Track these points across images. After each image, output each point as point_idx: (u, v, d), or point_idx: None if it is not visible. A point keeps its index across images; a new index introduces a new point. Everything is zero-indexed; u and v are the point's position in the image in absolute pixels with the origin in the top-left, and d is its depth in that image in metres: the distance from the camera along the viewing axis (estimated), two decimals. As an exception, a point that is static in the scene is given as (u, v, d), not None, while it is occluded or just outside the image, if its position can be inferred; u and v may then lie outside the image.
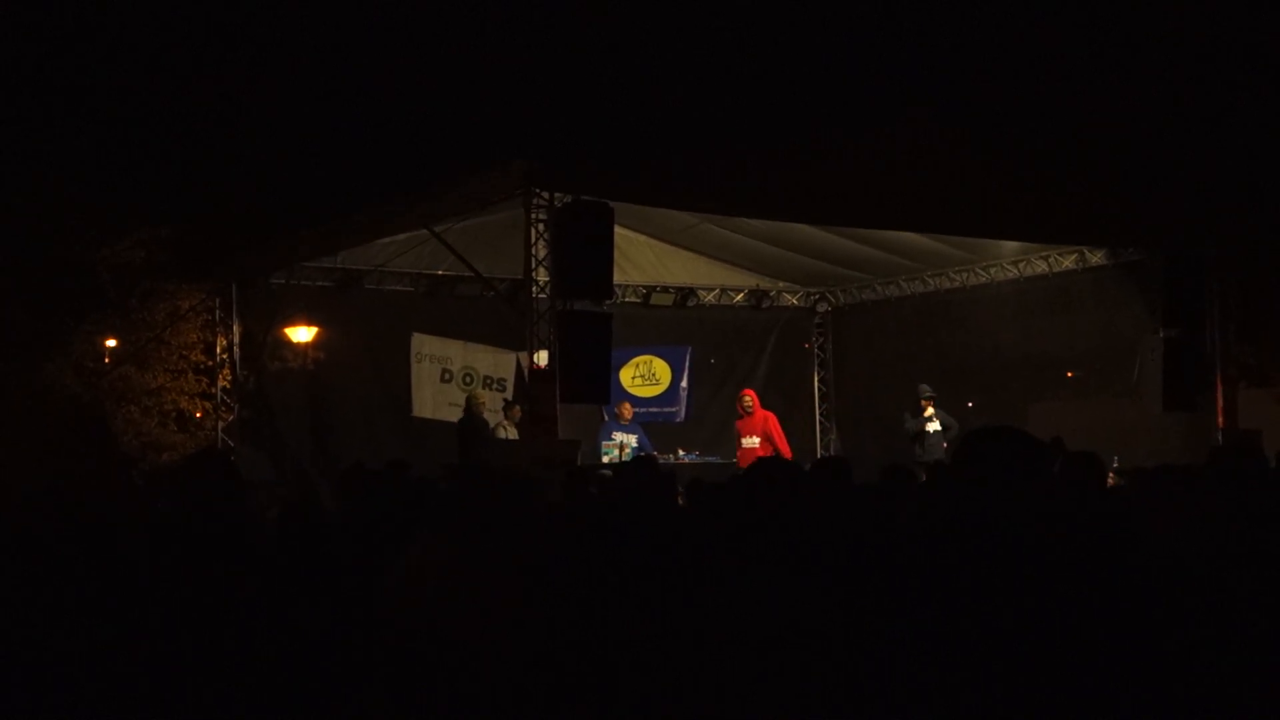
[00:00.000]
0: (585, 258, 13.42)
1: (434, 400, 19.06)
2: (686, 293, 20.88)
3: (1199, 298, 16.59)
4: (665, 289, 20.76)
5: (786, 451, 17.22)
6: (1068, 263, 18.12)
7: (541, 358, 13.57)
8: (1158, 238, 16.50)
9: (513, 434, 16.72)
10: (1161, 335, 16.30)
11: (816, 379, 22.03)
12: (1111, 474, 12.98)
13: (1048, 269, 18.38)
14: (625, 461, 15.61)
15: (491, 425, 17.64)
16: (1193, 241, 16.57)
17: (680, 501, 8.80)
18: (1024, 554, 3.42)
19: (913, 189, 15.11)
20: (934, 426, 16.97)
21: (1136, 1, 34.21)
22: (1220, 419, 16.60)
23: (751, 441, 17.42)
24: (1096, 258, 17.82)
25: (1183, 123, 29.84)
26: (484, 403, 17.58)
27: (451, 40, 42.52)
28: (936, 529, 3.56)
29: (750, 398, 17.84)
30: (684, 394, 20.90)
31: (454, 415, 17.96)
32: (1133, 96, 30.94)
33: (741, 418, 17.72)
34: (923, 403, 17.20)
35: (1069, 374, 18.48)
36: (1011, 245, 18.22)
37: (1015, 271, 18.77)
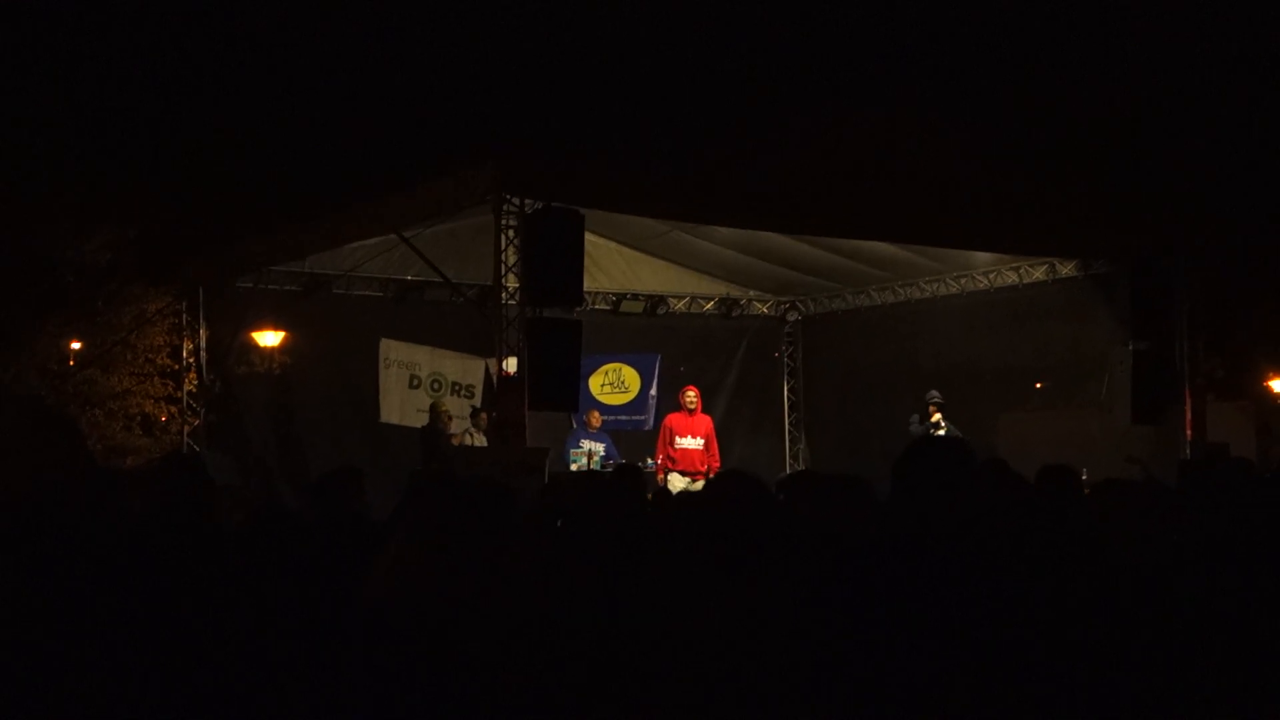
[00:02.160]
0: (555, 264, 13.36)
1: (402, 406, 18.96)
2: (656, 300, 20.83)
3: (1168, 310, 16.65)
4: (635, 296, 20.71)
5: (717, 458, 17.20)
6: (1038, 274, 18.17)
7: (511, 364, 13.52)
8: (1126, 249, 16.55)
9: (481, 441, 16.66)
10: (1131, 347, 16.33)
11: (786, 388, 22.03)
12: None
13: (1018, 280, 18.42)
14: (602, 471, 15.55)
15: (459, 432, 17.58)
16: (1161, 253, 16.63)
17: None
18: (991, 564, 3.39)
19: (884, 199, 15.14)
20: (940, 434, 16.75)
21: (1109, 16, 34.39)
22: (1189, 431, 16.65)
23: (695, 442, 17.25)
24: (1067, 269, 17.87)
25: (1152, 136, 30.02)
26: (447, 409, 17.51)
27: (422, 45, 42.46)
28: (901, 542, 3.54)
29: (695, 394, 17.68)
30: (653, 402, 20.85)
31: (422, 421, 17.89)
32: (1104, 110, 31.10)
33: (681, 414, 17.53)
34: (930, 408, 17.08)
35: (1038, 385, 18.51)
36: (982, 256, 18.25)
37: (986, 282, 18.80)
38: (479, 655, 3.59)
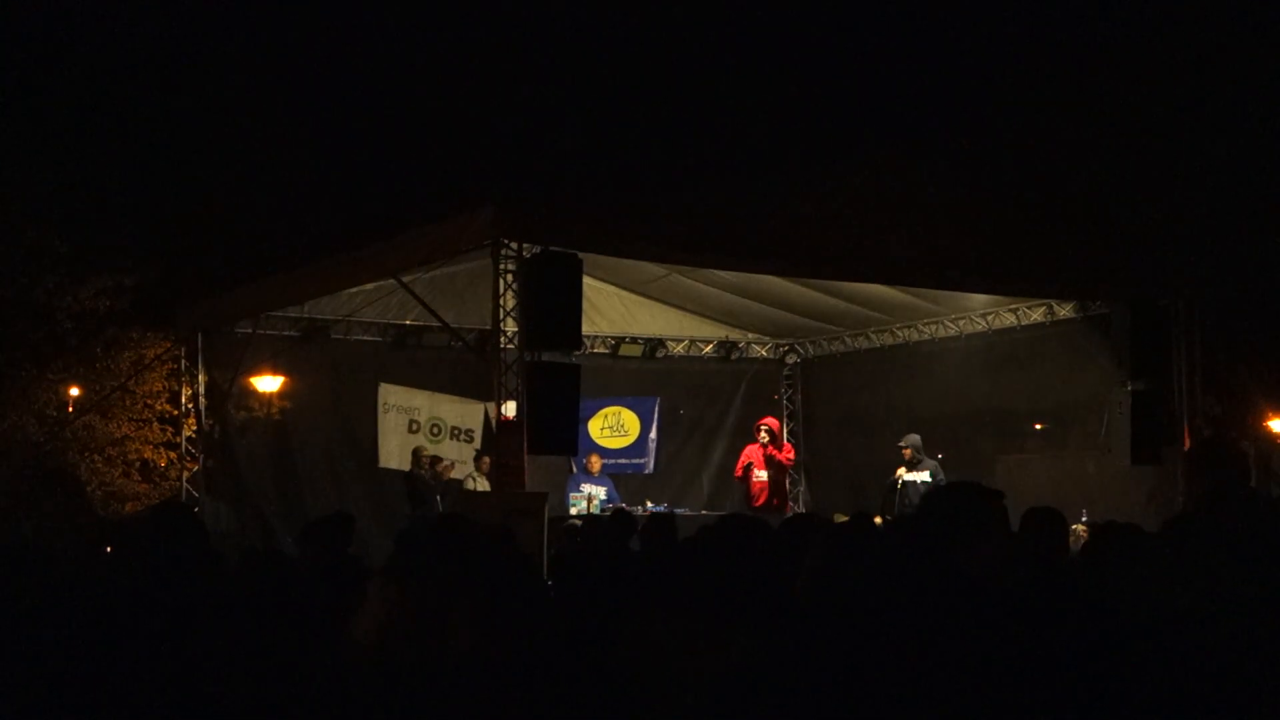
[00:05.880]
0: (554, 308, 13.37)
1: (400, 451, 18.93)
2: (655, 344, 20.86)
3: (1166, 350, 16.64)
4: (634, 340, 20.74)
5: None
6: (1036, 315, 18.16)
7: (509, 408, 13.50)
8: (1125, 290, 16.55)
9: (483, 485, 16.66)
10: (1129, 388, 16.31)
11: (785, 430, 22.01)
12: (1084, 526, 12.94)
13: (1016, 322, 18.42)
14: (595, 515, 15.56)
15: (461, 477, 17.60)
16: (1159, 293, 16.64)
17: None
18: (985, 612, 3.38)
19: (882, 242, 15.15)
20: (920, 476, 16.72)
21: (1098, 54, 34.55)
22: (1188, 472, 16.59)
23: (762, 475, 18.07)
24: (1065, 311, 17.85)
25: (1148, 174, 30.09)
26: (429, 454, 17.56)
27: (420, 89, 42.61)
28: (898, 584, 3.53)
29: (766, 427, 18.43)
30: (653, 445, 20.86)
31: (420, 467, 17.91)
32: (1101, 151, 31.18)
33: (756, 446, 18.12)
34: (905, 451, 17.12)
35: (1037, 426, 18.48)
36: (980, 298, 18.25)
37: (984, 324, 18.79)
38: (468, 694, 3.57)
